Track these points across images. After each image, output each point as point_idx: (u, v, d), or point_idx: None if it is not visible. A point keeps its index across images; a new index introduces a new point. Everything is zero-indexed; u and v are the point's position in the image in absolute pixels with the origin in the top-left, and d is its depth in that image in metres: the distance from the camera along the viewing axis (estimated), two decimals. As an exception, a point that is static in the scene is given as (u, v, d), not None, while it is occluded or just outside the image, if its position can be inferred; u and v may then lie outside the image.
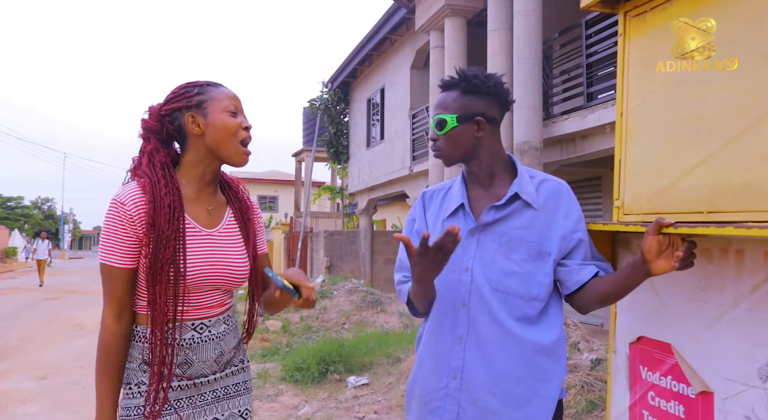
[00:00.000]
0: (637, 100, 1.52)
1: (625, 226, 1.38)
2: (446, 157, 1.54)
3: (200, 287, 1.47)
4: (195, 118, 1.47)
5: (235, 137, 1.48)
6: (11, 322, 9.41)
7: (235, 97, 1.52)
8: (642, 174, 1.52)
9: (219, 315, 1.53)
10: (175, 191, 1.45)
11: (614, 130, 5.49)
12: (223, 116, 1.47)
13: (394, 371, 5.34)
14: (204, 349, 1.49)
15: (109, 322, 1.42)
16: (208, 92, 1.49)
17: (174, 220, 1.42)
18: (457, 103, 1.49)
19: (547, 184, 1.49)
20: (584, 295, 1.44)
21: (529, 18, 6.69)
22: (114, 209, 1.40)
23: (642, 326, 1.51)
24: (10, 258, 32.89)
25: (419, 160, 10.82)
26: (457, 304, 1.48)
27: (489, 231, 1.47)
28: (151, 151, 1.49)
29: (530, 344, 1.42)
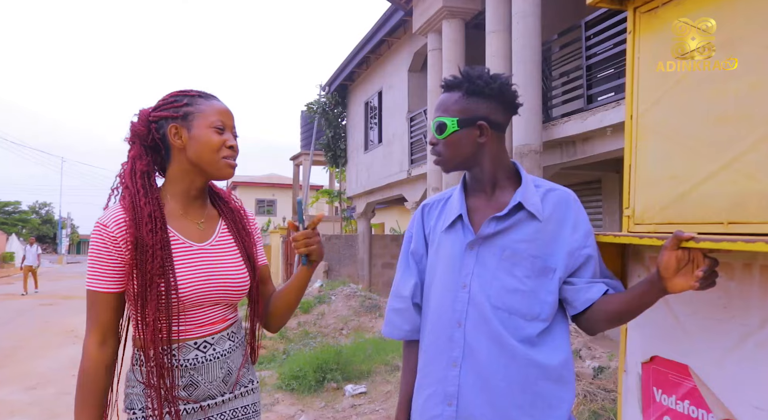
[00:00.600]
0: (649, 102, 1.42)
1: (639, 239, 1.27)
2: (445, 163, 1.44)
3: (198, 303, 1.39)
4: (178, 130, 1.41)
5: (217, 154, 1.41)
6: (4, 329, 9.29)
7: (225, 112, 1.44)
8: (654, 180, 1.42)
9: (223, 331, 1.45)
10: (155, 201, 1.39)
11: (615, 132, 5.44)
12: (207, 132, 1.39)
13: (393, 379, 5.24)
14: (210, 369, 1.41)
15: (92, 350, 1.36)
16: (197, 104, 1.41)
17: (156, 229, 1.35)
18: (459, 106, 1.39)
19: (553, 195, 1.38)
20: (593, 315, 1.32)
21: (528, 19, 6.60)
22: (97, 232, 1.35)
23: (655, 345, 1.41)
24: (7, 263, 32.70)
25: (417, 164, 10.73)
26: (452, 324, 1.37)
27: (489, 244, 1.36)
28: (133, 157, 1.43)
29: (534, 367, 1.30)
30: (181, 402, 1.37)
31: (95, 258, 1.35)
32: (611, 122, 5.81)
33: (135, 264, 1.33)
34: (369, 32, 12.00)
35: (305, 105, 16.63)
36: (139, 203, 1.36)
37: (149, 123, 1.43)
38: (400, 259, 1.58)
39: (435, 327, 1.41)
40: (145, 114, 1.44)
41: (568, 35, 7.01)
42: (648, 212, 1.43)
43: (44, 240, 55.44)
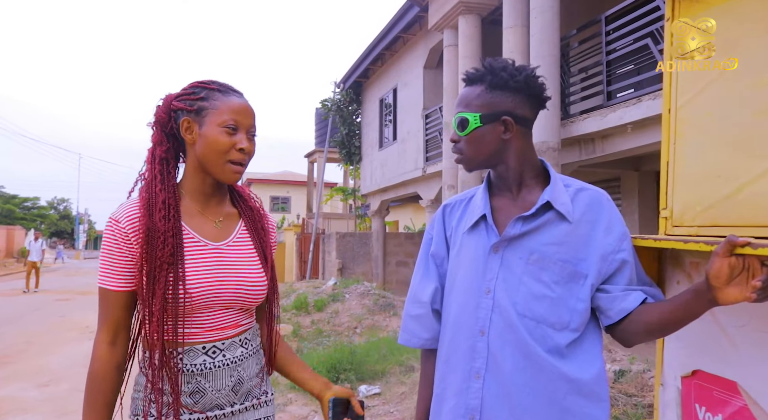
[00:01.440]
0: (690, 94, 1.31)
1: (684, 244, 1.16)
2: (467, 162, 1.34)
3: (208, 306, 1.31)
4: (190, 125, 1.33)
5: (223, 156, 1.32)
6: (18, 325, 9.34)
7: (242, 109, 1.34)
8: (695, 179, 1.30)
9: (234, 337, 1.37)
10: (170, 189, 1.33)
11: (637, 129, 5.29)
12: (216, 131, 1.31)
13: (407, 381, 5.15)
14: (218, 376, 1.33)
15: (102, 349, 1.30)
16: (212, 99, 1.33)
17: (170, 217, 1.29)
18: (482, 100, 1.29)
19: (584, 194, 1.28)
20: (630, 326, 1.21)
21: (546, 14, 6.47)
22: (109, 228, 1.31)
23: (697, 358, 1.30)
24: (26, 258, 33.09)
25: (432, 161, 10.62)
26: (474, 333, 1.27)
27: (515, 246, 1.26)
28: (154, 142, 1.37)
29: (563, 381, 1.20)
30: (185, 411, 1.29)
31: (107, 254, 1.30)
32: (632, 119, 5.67)
33: (144, 253, 1.27)
34: (384, 29, 11.90)
35: (320, 102, 16.61)
36: (155, 189, 1.32)
37: (170, 110, 1.36)
38: (419, 261, 1.48)
39: (456, 335, 1.31)
40: (168, 100, 1.37)
41: (588, 30, 6.86)
42: (688, 213, 1.32)
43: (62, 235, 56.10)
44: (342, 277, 13.56)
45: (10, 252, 30.97)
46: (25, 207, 47.94)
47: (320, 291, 10.10)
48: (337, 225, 19.61)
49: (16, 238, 32.56)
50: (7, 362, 6.50)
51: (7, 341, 7.82)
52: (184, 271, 1.28)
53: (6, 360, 6.61)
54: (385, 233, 14.47)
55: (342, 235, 14.70)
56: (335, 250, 14.46)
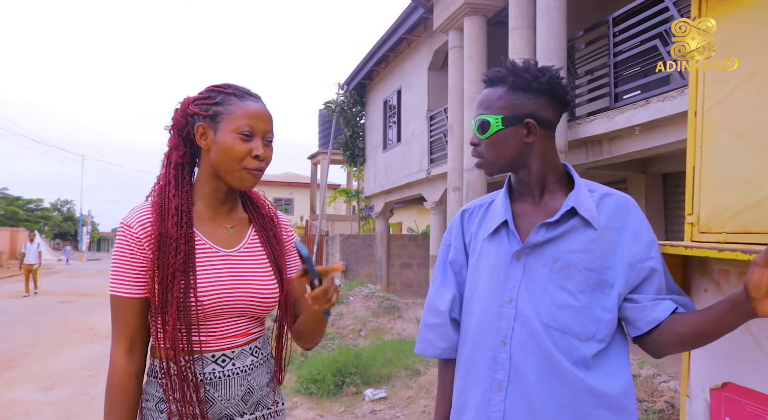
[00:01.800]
0: (718, 95, 1.27)
1: (719, 252, 1.12)
2: (488, 166, 1.30)
3: (219, 313, 1.28)
4: (205, 130, 1.30)
5: (238, 163, 1.28)
6: (22, 327, 9.31)
7: (259, 115, 1.30)
8: (723, 184, 1.26)
9: (245, 345, 1.34)
10: (184, 194, 1.31)
11: (645, 131, 5.24)
12: (231, 138, 1.27)
13: (413, 385, 5.10)
14: (228, 385, 1.30)
15: (119, 359, 1.27)
16: (227, 104, 1.29)
17: (182, 224, 1.26)
18: (503, 102, 1.24)
19: (610, 200, 1.23)
20: (661, 337, 1.17)
21: (553, 15, 6.43)
22: (121, 233, 1.28)
23: (728, 370, 1.25)
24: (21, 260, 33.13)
25: (437, 163, 10.58)
26: (496, 343, 1.23)
27: (538, 254, 1.22)
28: (171, 146, 1.35)
29: (589, 394, 1.15)
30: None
31: (119, 260, 1.26)
32: (640, 121, 5.63)
33: (156, 260, 1.24)
34: (388, 30, 11.87)
35: (323, 103, 16.58)
36: (168, 195, 1.29)
37: (187, 114, 1.33)
38: (437, 269, 1.44)
39: (476, 346, 1.27)
40: (186, 103, 1.34)
41: (595, 31, 6.82)
42: (716, 219, 1.28)
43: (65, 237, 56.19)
44: (346, 279, 13.52)
45: (14, 254, 30.99)
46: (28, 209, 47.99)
47: (324, 293, 10.04)
48: (340, 227, 19.58)
49: (19, 239, 32.56)
50: (11, 366, 6.47)
51: (11, 344, 7.79)
52: (196, 279, 1.25)
53: (10, 363, 6.58)
54: (389, 235, 14.42)
55: (346, 237, 14.66)
56: (339, 252, 14.42)
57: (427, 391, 4.82)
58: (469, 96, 8.21)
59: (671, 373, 4.41)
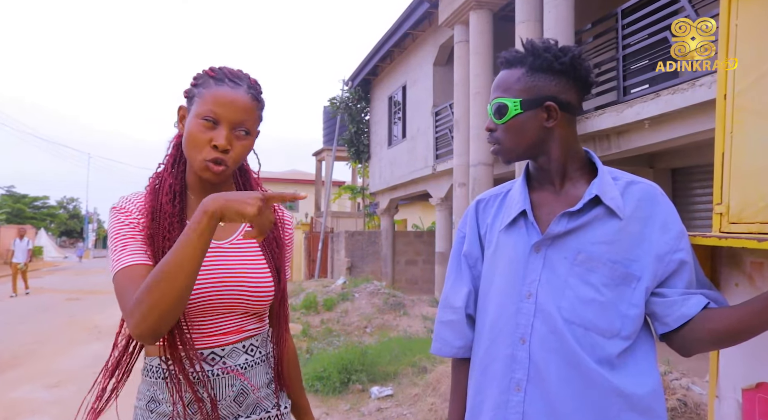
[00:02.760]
0: (751, 78, 1.20)
1: (759, 243, 1.04)
2: (506, 153, 1.22)
3: (208, 309, 1.19)
4: (183, 112, 1.25)
5: (198, 152, 1.18)
6: (28, 325, 9.31)
7: (226, 101, 1.17)
8: (757, 172, 1.18)
9: (237, 343, 1.24)
10: (178, 175, 1.25)
11: (654, 125, 5.16)
12: (193, 123, 1.17)
13: (420, 382, 5.04)
14: (217, 385, 1.21)
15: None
16: (205, 86, 1.20)
17: (175, 203, 1.20)
18: (522, 84, 1.17)
19: (636, 188, 1.16)
20: (691, 334, 1.09)
21: (560, 8, 6.35)
22: (113, 215, 1.20)
23: (763, 369, 1.18)
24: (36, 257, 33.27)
25: (443, 159, 10.51)
26: (514, 340, 1.16)
27: (559, 245, 1.14)
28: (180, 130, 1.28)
29: (615, 396, 1.08)
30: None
31: (116, 237, 1.16)
32: (650, 114, 5.54)
33: (149, 236, 1.16)
34: (393, 25, 11.79)
35: (328, 100, 16.53)
36: (164, 174, 1.25)
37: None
38: (451, 263, 1.37)
39: (493, 343, 1.20)
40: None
41: (603, 24, 6.72)
42: (748, 209, 1.20)
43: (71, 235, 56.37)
44: (351, 275, 13.47)
45: (20, 251, 31.06)
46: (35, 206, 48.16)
47: (329, 290, 10.01)
48: (345, 224, 19.53)
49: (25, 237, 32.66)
50: (16, 364, 6.45)
51: (16, 341, 7.78)
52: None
53: (15, 361, 6.56)
54: (394, 232, 14.36)
55: (351, 234, 14.61)
56: (344, 249, 14.37)
57: (434, 388, 4.76)
58: (474, 91, 8.13)
59: (683, 370, 4.34)
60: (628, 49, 6.12)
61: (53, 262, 34.35)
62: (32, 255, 14.01)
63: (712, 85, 4.73)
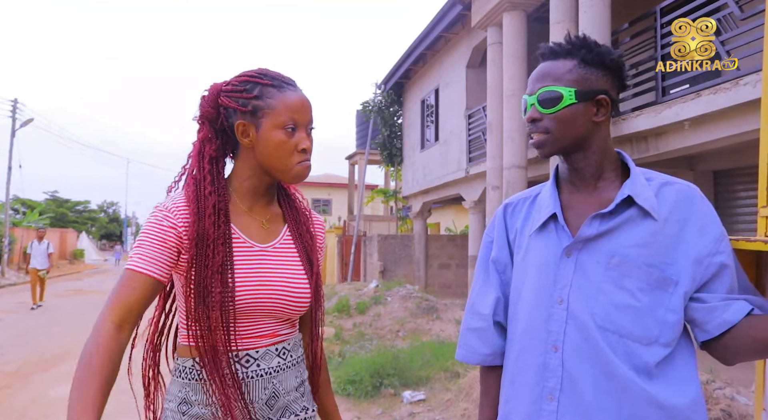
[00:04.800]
0: (798, 74, 1.15)
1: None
2: (552, 143, 1.16)
3: (249, 312, 1.22)
4: (246, 127, 1.24)
5: (288, 159, 1.23)
6: (68, 325, 9.57)
7: (299, 105, 1.24)
8: (804, 173, 1.14)
9: (270, 346, 1.27)
10: (221, 190, 1.24)
11: (695, 126, 5.00)
12: (276, 134, 1.22)
13: (453, 387, 5.00)
14: (252, 388, 1.23)
15: (107, 328, 1.10)
16: (267, 97, 1.22)
17: (220, 223, 1.20)
18: (576, 75, 1.13)
19: (671, 189, 1.11)
20: (734, 342, 1.04)
21: (596, 8, 6.23)
22: (155, 216, 1.20)
23: (812, 381, 1.13)
24: (77, 259, 34.27)
25: (476, 162, 10.42)
26: (546, 348, 1.12)
27: (592, 249, 1.10)
28: (202, 139, 1.27)
29: (653, 407, 1.03)
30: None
31: (147, 240, 1.17)
32: (690, 115, 5.39)
33: (193, 260, 1.19)
34: (426, 28, 11.76)
35: (360, 103, 16.60)
36: (204, 192, 1.23)
37: (218, 106, 1.26)
38: (478, 268, 1.33)
39: (524, 351, 1.17)
40: (215, 92, 1.27)
41: (640, 23, 6.57)
42: (796, 212, 1.15)
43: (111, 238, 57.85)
44: (383, 279, 13.46)
45: (63, 254, 32.07)
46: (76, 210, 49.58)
47: (362, 293, 10.03)
48: (378, 227, 19.54)
49: (68, 240, 33.73)
50: (57, 362, 6.64)
51: (58, 341, 8.02)
52: (234, 278, 1.20)
53: (56, 360, 6.75)
54: (427, 235, 14.31)
55: (384, 237, 14.61)
56: (377, 253, 14.38)
57: (467, 394, 4.71)
58: (508, 93, 8.04)
59: (726, 379, 4.19)
60: (667, 49, 5.96)
61: (94, 264, 35.30)
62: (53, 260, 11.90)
63: (756, 84, 4.56)
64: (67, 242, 33.35)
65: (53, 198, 47.02)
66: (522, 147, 7.89)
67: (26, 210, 30.20)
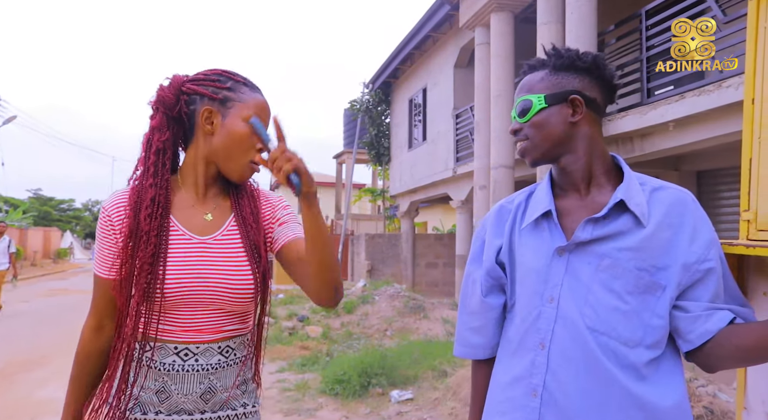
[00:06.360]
0: (779, 81, 1.18)
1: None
2: (533, 150, 1.19)
3: (183, 303, 1.23)
4: (212, 114, 1.25)
5: (246, 154, 1.26)
6: (56, 325, 9.47)
7: (267, 109, 1.30)
8: (785, 178, 1.17)
9: (212, 343, 1.27)
10: (163, 183, 1.26)
11: (679, 127, 5.07)
12: (242, 126, 1.24)
13: (440, 386, 5.02)
14: (186, 380, 1.25)
15: (86, 334, 1.32)
16: (239, 91, 1.26)
17: (156, 215, 1.23)
18: (546, 82, 1.17)
19: (664, 194, 1.12)
20: (716, 350, 1.06)
21: (583, 9, 6.29)
22: (100, 217, 1.30)
23: (791, 381, 1.16)
24: (62, 259, 33.91)
25: (463, 162, 10.47)
26: (534, 345, 1.14)
27: (584, 251, 1.11)
28: (153, 127, 1.28)
29: (637, 408, 1.05)
30: (151, 407, 1.25)
31: (98, 242, 1.30)
32: (675, 117, 5.46)
33: (126, 250, 1.24)
34: (414, 28, 11.80)
35: (348, 102, 16.57)
36: (145, 184, 1.26)
37: (180, 93, 1.27)
38: (468, 270, 1.34)
39: (519, 348, 1.18)
40: (178, 81, 1.28)
41: (626, 25, 6.65)
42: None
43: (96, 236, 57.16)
44: (371, 278, 13.47)
45: (47, 253, 31.72)
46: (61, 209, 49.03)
47: (350, 292, 10.03)
48: (365, 226, 19.56)
49: (52, 239, 33.37)
50: (44, 363, 6.57)
51: (43, 341, 7.93)
52: (165, 269, 1.22)
53: (42, 361, 6.69)
54: (415, 234, 14.34)
55: (371, 237, 14.63)
56: (364, 252, 14.39)
57: (455, 392, 4.74)
58: (495, 93, 8.09)
59: (709, 378, 4.25)
60: (652, 51, 6.03)
61: (78, 263, 34.97)
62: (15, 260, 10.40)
63: (739, 86, 4.63)
64: (51, 241, 32.98)
65: (37, 196, 46.43)
66: (509, 147, 7.94)
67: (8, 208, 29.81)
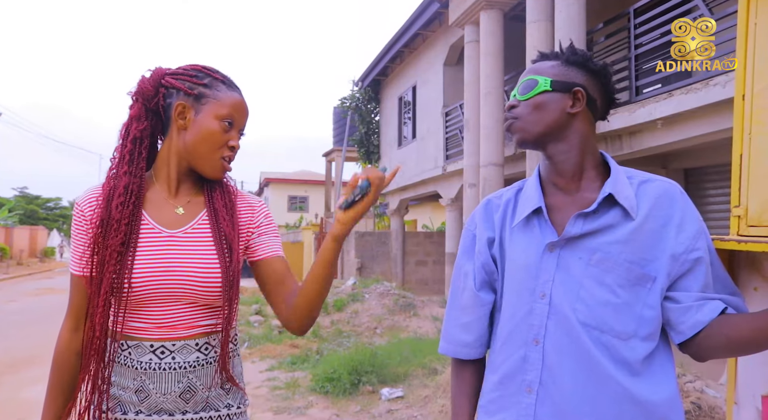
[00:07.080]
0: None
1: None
2: (522, 130, 1.19)
3: (153, 298, 1.22)
4: (185, 109, 1.25)
5: (216, 151, 1.27)
6: (45, 325, 9.37)
7: (242, 108, 1.31)
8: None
9: (189, 339, 1.25)
10: (138, 172, 1.26)
11: (667, 125, 5.10)
12: (214, 124, 1.25)
13: (431, 384, 5.03)
14: (164, 379, 1.23)
15: (64, 334, 1.31)
16: (215, 88, 1.27)
17: (128, 203, 1.22)
18: (556, 70, 1.19)
19: (651, 187, 1.13)
20: (708, 341, 1.06)
21: (572, 8, 6.30)
22: (73, 213, 1.30)
23: (782, 375, 1.16)
24: (48, 257, 33.60)
25: (453, 159, 10.48)
26: (527, 341, 1.13)
27: (574, 246, 1.12)
28: (132, 116, 1.28)
29: (630, 403, 1.06)
30: (131, 407, 1.23)
31: (73, 239, 1.29)
32: (663, 114, 5.49)
33: (97, 240, 1.22)
34: (403, 25, 11.79)
35: (338, 100, 16.55)
36: (119, 172, 1.26)
37: (160, 85, 1.27)
38: (459, 263, 1.33)
39: (506, 344, 1.18)
40: (159, 74, 1.29)
41: (615, 24, 6.68)
42: (767, 212, 1.19)
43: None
44: (361, 276, 13.46)
45: (33, 252, 31.43)
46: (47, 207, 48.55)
47: (339, 291, 10.02)
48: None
49: (38, 238, 33.07)
50: (33, 363, 6.50)
51: (31, 341, 7.85)
52: (133, 260, 1.21)
53: (31, 360, 6.62)
54: (404, 232, 14.35)
55: (361, 235, 14.61)
56: (354, 250, 14.37)
57: (445, 390, 4.75)
58: (485, 91, 8.10)
59: (696, 373, 4.29)
60: (640, 49, 6.07)
61: (66, 262, 34.66)
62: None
63: (726, 84, 4.67)
64: (37, 240, 32.67)
65: (23, 194, 45.94)
66: (499, 144, 7.96)
67: (-6, 207, 29.47)
